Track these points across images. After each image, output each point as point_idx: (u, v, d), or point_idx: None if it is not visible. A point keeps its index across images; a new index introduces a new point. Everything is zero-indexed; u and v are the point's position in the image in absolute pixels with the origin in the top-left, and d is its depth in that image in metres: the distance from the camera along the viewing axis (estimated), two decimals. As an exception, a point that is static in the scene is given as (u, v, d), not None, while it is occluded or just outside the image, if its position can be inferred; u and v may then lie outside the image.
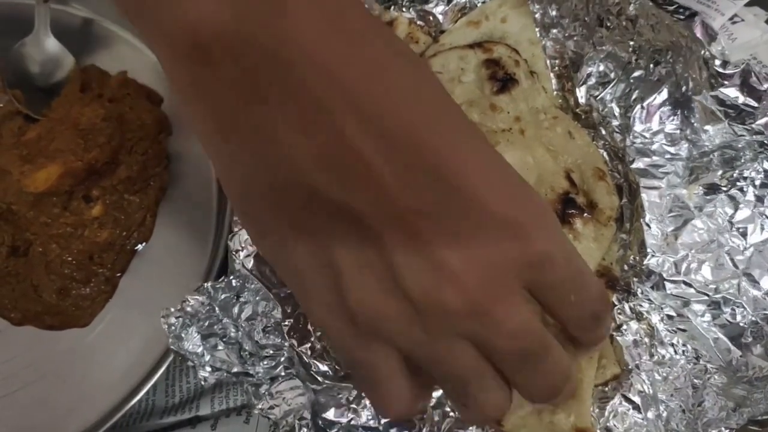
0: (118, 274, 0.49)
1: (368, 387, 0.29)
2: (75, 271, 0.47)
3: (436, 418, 0.40)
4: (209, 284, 0.39)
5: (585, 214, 0.44)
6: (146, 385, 0.44)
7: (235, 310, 0.39)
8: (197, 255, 0.49)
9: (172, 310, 0.38)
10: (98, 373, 0.46)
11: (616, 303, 0.43)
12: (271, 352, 0.39)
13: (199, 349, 0.39)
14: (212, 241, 0.49)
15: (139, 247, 0.50)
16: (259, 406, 0.39)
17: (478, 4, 0.50)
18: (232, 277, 0.39)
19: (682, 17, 0.43)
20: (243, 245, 0.38)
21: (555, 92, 0.51)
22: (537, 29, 0.50)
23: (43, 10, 0.53)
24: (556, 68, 0.51)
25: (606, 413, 0.41)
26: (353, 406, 0.37)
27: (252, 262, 0.38)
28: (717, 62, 0.41)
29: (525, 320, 0.27)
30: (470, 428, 0.42)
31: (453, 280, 0.24)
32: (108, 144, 0.48)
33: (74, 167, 0.47)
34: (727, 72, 0.41)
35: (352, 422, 0.37)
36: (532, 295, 0.28)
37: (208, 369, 0.39)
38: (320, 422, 0.37)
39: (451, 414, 0.42)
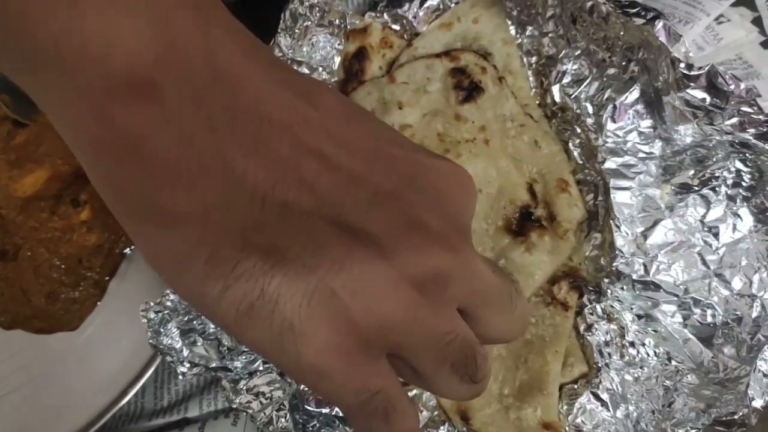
0: (107, 278, 0.50)
1: (382, 417, 0.25)
2: (64, 274, 0.49)
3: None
4: None
5: (542, 227, 0.45)
6: (134, 388, 0.45)
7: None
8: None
9: (152, 304, 0.40)
10: (88, 376, 0.48)
11: (587, 303, 0.44)
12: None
13: (178, 345, 0.40)
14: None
15: (128, 250, 0.51)
16: (237, 401, 0.40)
17: (451, 6, 0.50)
18: None
19: (644, 20, 0.42)
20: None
21: (533, 90, 0.50)
22: (513, 27, 0.50)
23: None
24: (534, 65, 0.50)
25: (575, 410, 0.42)
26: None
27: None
28: (682, 64, 0.41)
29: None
30: (441, 428, 0.43)
31: (439, 241, 0.24)
32: None
33: (62, 171, 0.48)
34: (692, 74, 0.40)
35: (333, 413, 0.38)
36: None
37: (187, 365, 0.40)
38: (298, 414, 0.38)
39: (424, 412, 0.43)
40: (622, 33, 0.44)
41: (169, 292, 0.40)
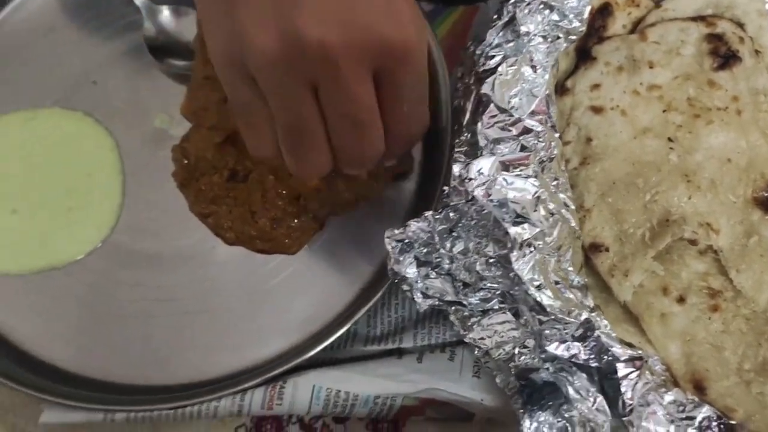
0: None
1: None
2: (288, 204, 0.50)
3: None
4: (430, 213, 0.40)
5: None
6: (360, 312, 0.46)
7: (448, 243, 0.41)
8: (404, 194, 0.52)
9: (396, 232, 0.40)
10: (301, 299, 0.49)
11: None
12: (488, 284, 0.40)
13: (414, 275, 0.41)
14: (416, 183, 0.52)
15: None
16: (470, 336, 0.40)
17: (709, -30, 0.49)
18: (449, 210, 0.40)
19: None
20: (477, 174, 0.39)
21: (782, 68, 0.48)
22: (770, -1, 0.49)
23: None
24: (787, 43, 0.49)
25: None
26: (576, 343, 0.37)
27: (483, 190, 0.38)
28: None
29: (367, 91, 0.33)
30: (668, 393, 0.41)
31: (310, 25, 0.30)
32: None
33: None
34: None
35: (573, 359, 0.37)
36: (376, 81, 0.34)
37: (421, 295, 0.41)
38: (543, 355, 0.37)
39: (649, 375, 0.41)
40: None
41: (411, 223, 0.41)
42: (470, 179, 0.39)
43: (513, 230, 0.38)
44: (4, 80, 0.54)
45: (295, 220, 0.50)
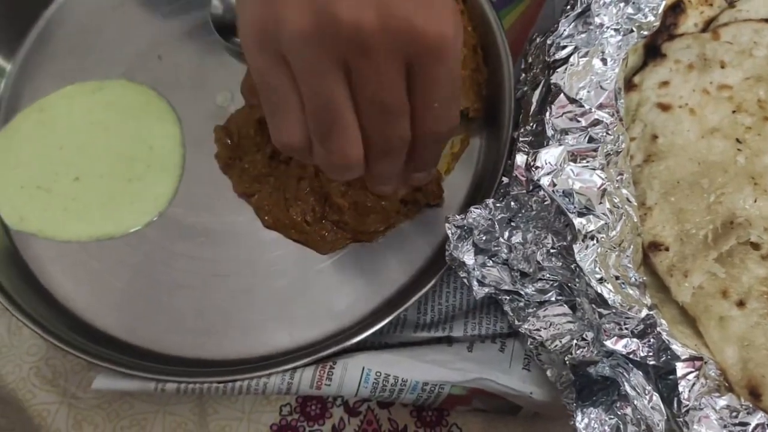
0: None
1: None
2: (316, 203, 0.49)
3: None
4: (491, 201, 0.40)
5: None
6: (409, 300, 0.45)
7: (506, 233, 0.40)
8: (462, 183, 0.52)
9: (457, 217, 0.40)
10: (354, 282, 0.50)
11: None
12: (547, 275, 0.39)
13: (471, 262, 0.41)
14: (475, 173, 0.51)
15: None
16: (525, 327, 0.40)
17: (790, -29, 0.48)
18: (510, 199, 0.40)
19: None
20: (545, 163, 0.38)
21: None
22: None
23: None
24: None
25: None
26: (635, 340, 0.37)
27: (549, 179, 0.38)
28: None
29: (397, 79, 0.32)
30: (722, 398, 0.40)
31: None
32: None
33: None
34: None
35: (631, 356, 0.37)
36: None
37: (477, 282, 0.41)
38: (601, 348, 0.37)
39: (702, 380, 0.41)
40: None
41: (472, 209, 0.41)
42: (537, 168, 0.39)
43: (577, 221, 0.37)
44: (73, 51, 0.56)
45: (323, 221, 0.50)
